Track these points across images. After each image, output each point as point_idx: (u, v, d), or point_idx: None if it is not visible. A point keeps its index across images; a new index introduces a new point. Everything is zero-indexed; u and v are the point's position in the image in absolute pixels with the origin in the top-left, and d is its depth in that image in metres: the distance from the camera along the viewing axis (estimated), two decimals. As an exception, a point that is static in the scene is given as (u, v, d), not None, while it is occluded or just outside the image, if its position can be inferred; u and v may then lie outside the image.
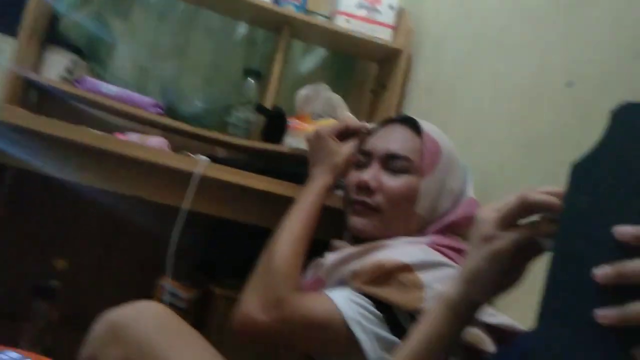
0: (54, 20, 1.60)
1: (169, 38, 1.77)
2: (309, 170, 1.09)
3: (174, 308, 1.45)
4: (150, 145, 1.25)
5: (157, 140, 1.29)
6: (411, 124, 1.02)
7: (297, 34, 1.74)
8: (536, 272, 0.54)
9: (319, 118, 1.46)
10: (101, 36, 1.70)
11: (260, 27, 1.83)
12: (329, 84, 1.47)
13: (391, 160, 0.99)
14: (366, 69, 1.97)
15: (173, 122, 1.53)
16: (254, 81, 1.70)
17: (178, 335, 0.83)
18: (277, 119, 1.39)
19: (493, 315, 0.86)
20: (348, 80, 1.98)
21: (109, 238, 1.75)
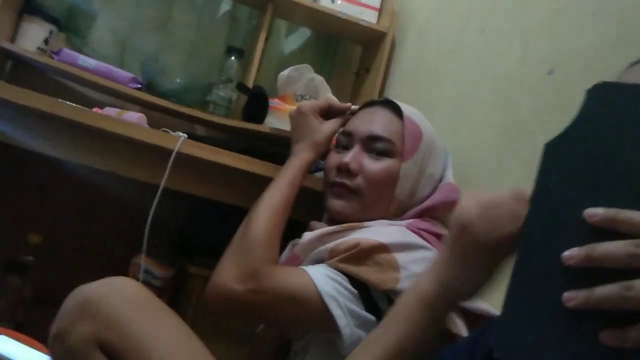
0: (31, -12, 1.56)
1: (150, 12, 1.74)
2: (290, 147, 1.08)
3: (148, 286, 1.44)
4: (128, 120, 1.22)
5: (135, 116, 1.26)
6: (393, 107, 1.02)
7: (282, 13, 1.71)
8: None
9: (301, 99, 1.44)
10: (81, 7, 1.66)
11: (244, 5, 1.80)
12: (312, 65, 1.45)
13: (373, 142, 0.98)
14: (350, 51, 1.96)
15: (152, 98, 1.51)
16: (236, 59, 1.68)
17: (151, 312, 0.82)
18: (259, 98, 1.37)
19: None
20: (332, 61, 1.96)
21: (84, 214, 1.73)
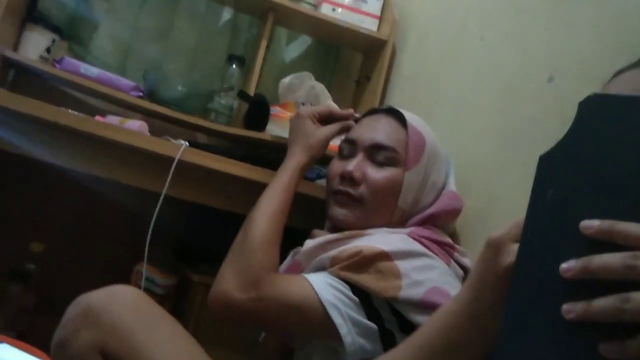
0: (34, -2, 1.57)
1: (152, 20, 1.75)
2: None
3: (150, 294, 1.45)
4: (130, 128, 1.23)
5: (137, 124, 1.27)
6: (397, 115, 1.02)
7: (282, 21, 1.72)
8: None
9: (299, 108, 1.45)
10: (83, 16, 1.67)
11: (245, 13, 1.81)
12: (313, 73, 1.46)
13: (376, 151, 0.98)
14: (351, 59, 1.97)
15: (154, 106, 1.51)
16: (238, 67, 1.69)
17: (153, 320, 0.82)
18: (260, 106, 1.38)
19: None
20: (332, 69, 1.97)
21: (86, 222, 1.73)
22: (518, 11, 1.14)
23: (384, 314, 0.83)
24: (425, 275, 0.84)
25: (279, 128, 1.34)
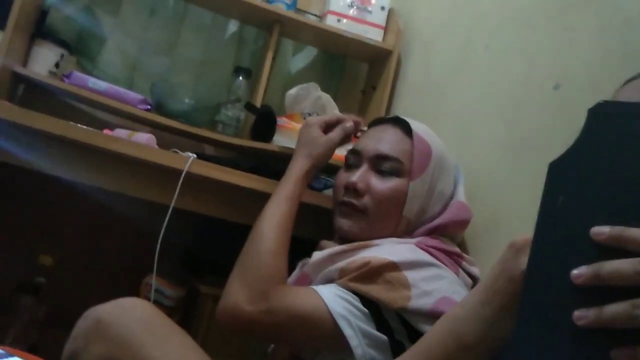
0: (43, 13, 1.59)
1: (159, 34, 1.76)
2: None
3: (159, 306, 1.45)
4: (138, 141, 1.24)
5: (145, 137, 1.28)
6: (402, 124, 1.02)
7: (288, 32, 1.73)
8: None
9: (308, 117, 1.46)
10: (90, 31, 1.69)
11: (250, 25, 1.82)
12: (319, 83, 1.47)
13: (381, 162, 0.98)
14: (356, 69, 1.97)
15: (162, 119, 1.53)
16: (244, 79, 1.70)
17: (163, 333, 0.82)
18: (267, 117, 1.38)
19: None
20: (338, 79, 1.98)
21: (95, 234, 1.74)
22: (523, 20, 1.14)
23: (394, 324, 0.83)
24: (434, 285, 0.84)
25: (285, 139, 1.35)
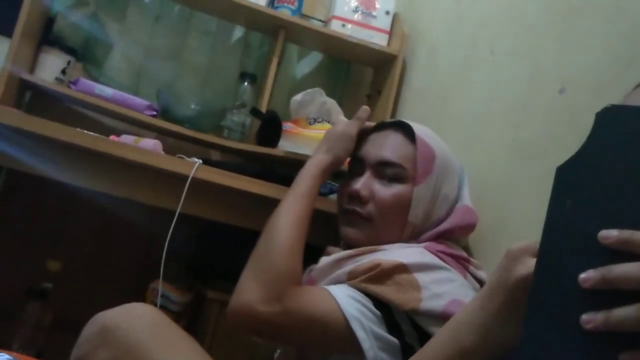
0: (50, 21, 1.60)
1: (164, 40, 1.77)
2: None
3: (166, 311, 1.45)
4: (144, 147, 1.25)
5: (151, 143, 1.28)
6: (405, 129, 1.01)
7: (293, 38, 1.74)
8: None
9: (314, 122, 1.46)
10: (97, 37, 1.71)
11: (256, 31, 1.83)
12: (324, 89, 1.47)
13: (384, 168, 0.97)
14: (361, 74, 1.98)
15: (168, 125, 1.53)
16: (250, 85, 1.71)
17: (169, 338, 0.82)
18: (272, 122, 1.39)
19: None
20: (343, 84, 1.98)
21: (102, 240, 1.74)
22: (528, 24, 1.14)
23: (405, 327, 0.82)
24: (444, 288, 0.84)
25: (291, 144, 1.35)
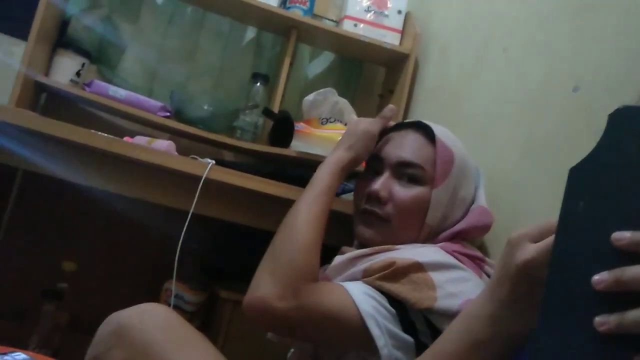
0: (64, 23, 1.62)
1: (177, 42, 1.79)
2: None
3: (179, 311, 1.46)
4: (158, 148, 1.25)
5: (165, 144, 1.29)
6: (424, 129, 1.00)
7: (305, 38, 1.74)
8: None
9: (326, 122, 1.46)
10: (110, 40, 1.72)
11: (268, 32, 1.83)
12: (336, 88, 1.47)
13: (403, 169, 0.96)
14: (374, 73, 1.98)
15: (181, 126, 1.54)
16: (262, 85, 1.71)
17: (183, 338, 0.83)
18: (284, 122, 1.39)
19: None
20: (355, 84, 1.98)
21: (116, 241, 1.76)
22: (541, 21, 1.13)
23: (419, 326, 0.82)
24: (460, 288, 0.83)
25: (303, 144, 1.35)
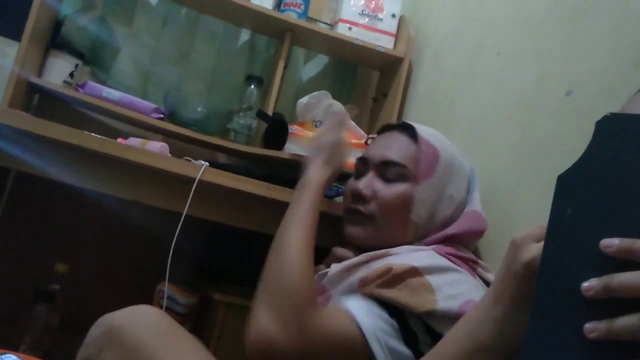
0: (58, 24, 1.61)
1: (171, 43, 1.78)
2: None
3: (172, 313, 1.46)
4: (151, 150, 1.25)
5: (158, 145, 1.29)
6: (409, 130, 1.02)
7: (299, 41, 1.74)
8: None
9: (320, 125, 1.46)
10: (104, 41, 1.71)
11: (262, 34, 1.83)
12: (330, 91, 1.47)
13: (386, 167, 0.99)
14: (367, 77, 1.98)
15: (175, 128, 1.54)
16: (256, 87, 1.71)
17: (175, 341, 0.82)
18: (278, 125, 1.39)
19: None
20: (349, 87, 1.99)
21: (109, 242, 1.75)
22: (535, 26, 1.14)
23: (420, 336, 0.81)
24: (458, 289, 0.83)
25: (297, 146, 1.35)
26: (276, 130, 1.39)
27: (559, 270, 0.46)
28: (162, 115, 1.55)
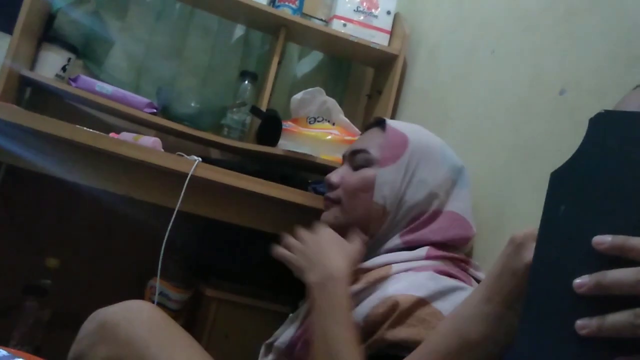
0: (50, 17, 1.60)
1: (165, 38, 1.77)
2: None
3: (164, 309, 1.45)
4: (143, 145, 1.24)
5: (151, 140, 1.28)
6: (380, 123, 1.05)
7: (294, 37, 1.74)
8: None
9: (314, 121, 1.46)
10: (97, 35, 1.70)
11: (256, 30, 1.83)
12: (324, 88, 1.47)
13: (354, 157, 1.03)
14: (362, 73, 1.98)
15: (167, 123, 1.53)
16: (250, 83, 1.71)
17: (168, 336, 0.83)
18: (272, 121, 1.39)
19: None
20: (344, 84, 1.98)
21: (101, 237, 1.74)
22: (529, 24, 1.14)
23: None
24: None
25: (291, 143, 1.35)
26: (270, 126, 1.39)
27: (551, 266, 0.46)
28: (155, 110, 1.55)
